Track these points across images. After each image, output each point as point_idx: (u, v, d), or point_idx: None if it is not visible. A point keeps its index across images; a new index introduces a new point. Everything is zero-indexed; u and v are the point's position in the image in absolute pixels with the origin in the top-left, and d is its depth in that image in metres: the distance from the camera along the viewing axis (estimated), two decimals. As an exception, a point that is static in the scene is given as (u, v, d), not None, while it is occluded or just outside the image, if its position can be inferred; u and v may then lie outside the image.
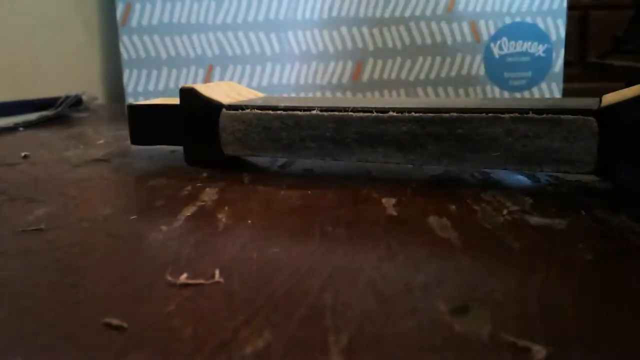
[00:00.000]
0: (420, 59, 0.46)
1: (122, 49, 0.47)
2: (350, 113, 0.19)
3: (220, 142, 0.22)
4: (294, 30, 0.46)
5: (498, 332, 0.10)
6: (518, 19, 0.45)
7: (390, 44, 0.46)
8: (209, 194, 0.19)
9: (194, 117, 0.22)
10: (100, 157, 0.26)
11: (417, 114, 0.19)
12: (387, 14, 0.46)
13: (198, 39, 0.46)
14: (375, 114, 0.19)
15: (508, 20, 0.45)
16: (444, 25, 0.45)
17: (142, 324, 0.10)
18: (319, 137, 0.20)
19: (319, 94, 0.48)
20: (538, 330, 0.10)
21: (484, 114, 0.18)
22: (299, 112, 0.20)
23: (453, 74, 0.46)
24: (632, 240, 0.14)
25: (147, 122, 0.24)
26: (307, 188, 0.20)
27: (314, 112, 0.20)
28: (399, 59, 0.46)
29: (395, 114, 0.19)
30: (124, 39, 0.47)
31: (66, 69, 0.51)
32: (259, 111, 0.21)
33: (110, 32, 0.54)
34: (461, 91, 0.46)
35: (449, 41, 0.45)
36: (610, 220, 0.15)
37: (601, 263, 0.13)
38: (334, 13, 0.46)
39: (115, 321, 0.10)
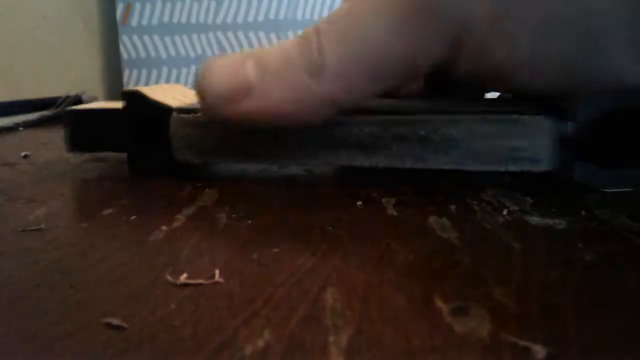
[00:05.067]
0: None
1: (122, 49, 0.47)
2: None
3: (171, 148, 0.21)
4: (294, 30, 0.46)
5: (498, 332, 0.10)
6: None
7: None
8: (209, 194, 0.19)
9: (140, 121, 0.21)
10: (100, 157, 0.26)
11: (380, 116, 0.18)
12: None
13: (198, 39, 0.46)
14: (337, 116, 0.19)
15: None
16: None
17: (142, 324, 0.10)
18: (280, 140, 0.19)
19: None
20: (538, 330, 0.10)
21: (444, 115, 0.18)
22: None
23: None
24: (632, 240, 0.14)
25: (88, 128, 0.23)
26: (307, 188, 0.20)
27: None
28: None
29: (357, 116, 0.19)
30: (124, 39, 0.47)
31: (66, 69, 0.51)
32: None
33: (110, 32, 0.54)
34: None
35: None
36: (610, 220, 0.15)
37: (601, 263, 0.13)
38: (334, 13, 0.46)
39: (115, 321, 0.10)
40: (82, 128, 0.23)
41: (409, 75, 0.19)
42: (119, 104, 0.22)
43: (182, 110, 0.20)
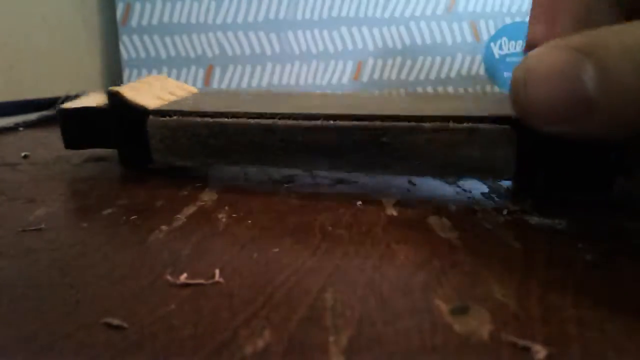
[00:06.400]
0: (421, 58, 0.46)
1: (122, 49, 0.47)
2: (276, 120, 0.19)
3: (150, 148, 0.21)
4: (294, 30, 0.46)
5: (498, 332, 0.10)
6: (518, 19, 0.45)
7: (390, 44, 0.46)
8: (209, 194, 0.19)
9: (122, 122, 0.22)
10: (99, 157, 0.26)
11: (342, 122, 0.18)
12: (387, 14, 0.46)
13: (198, 39, 0.46)
14: (300, 121, 0.19)
15: (508, 20, 0.45)
16: (444, 25, 0.45)
17: (142, 324, 0.10)
18: (247, 144, 0.20)
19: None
20: (538, 330, 0.10)
21: (405, 123, 0.18)
22: (225, 119, 0.20)
23: (453, 74, 0.46)
24: (632, 240, 0.14)
25: (78, 126, 0.23)
26: (307, 188, 0.20)
27: (240, 119, 0.20)
28: (399, 59, 0.46)
29: (321, 122, 0.19)
30: (124, 39, 0.47)
31: (66, 68, 0.51)
32: (186, 118, 0.20)
33: (110, 32, 0.54)
34: (461, 91, 0.46)
35: (449, 41, 0.45)
36: (610, 220, 0.15)
37: (601, 263, 0.13)
38: (334, 13, 0.46)
39: (115, 321, 0.10)
40: (73, 126, 0.23)
41: None
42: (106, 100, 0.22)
43: (158, 113, 0.21)
